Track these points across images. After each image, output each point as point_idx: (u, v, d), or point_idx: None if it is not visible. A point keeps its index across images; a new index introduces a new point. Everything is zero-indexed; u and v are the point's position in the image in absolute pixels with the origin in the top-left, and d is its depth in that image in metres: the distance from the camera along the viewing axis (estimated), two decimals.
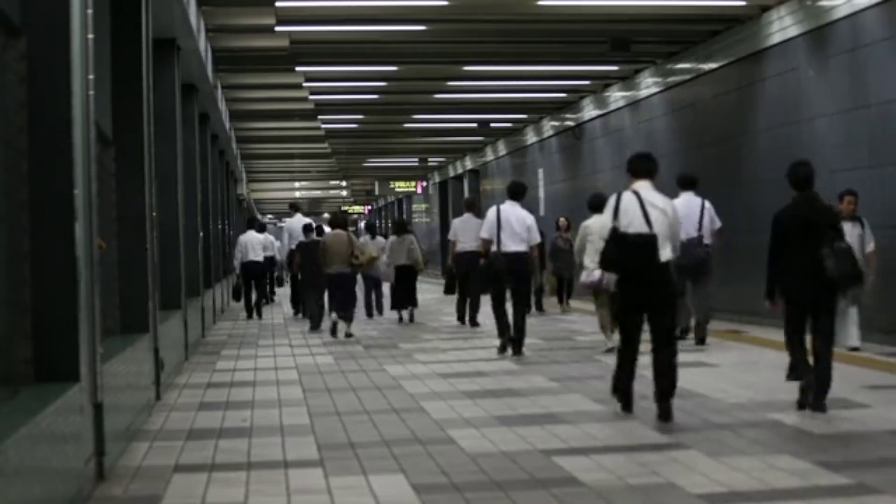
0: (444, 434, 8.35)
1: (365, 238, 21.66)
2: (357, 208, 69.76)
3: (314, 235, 20.61)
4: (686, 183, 14.21)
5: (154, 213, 11.01)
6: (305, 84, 21.58)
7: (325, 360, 13.90)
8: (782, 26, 15.64)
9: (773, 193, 16.32)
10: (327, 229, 19.01)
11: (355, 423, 9.02)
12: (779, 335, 13.87)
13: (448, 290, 19.03)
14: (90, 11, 7.12)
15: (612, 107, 23.22)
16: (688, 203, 13.37)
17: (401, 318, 20.02)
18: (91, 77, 7.09)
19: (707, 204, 13.85)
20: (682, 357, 12.22)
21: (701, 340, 13.79)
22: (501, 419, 8.93)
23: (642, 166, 9.57)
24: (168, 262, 13.18)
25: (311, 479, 6.96)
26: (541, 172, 29.22)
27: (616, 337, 9.58)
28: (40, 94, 6.44)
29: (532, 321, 18.45)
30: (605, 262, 9.04)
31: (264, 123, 29.45)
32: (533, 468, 7.02)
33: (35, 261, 6.42)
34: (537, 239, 13.52)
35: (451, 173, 42.63)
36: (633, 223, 9.06)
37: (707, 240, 13.71)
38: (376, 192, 51.12)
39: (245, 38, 18.01)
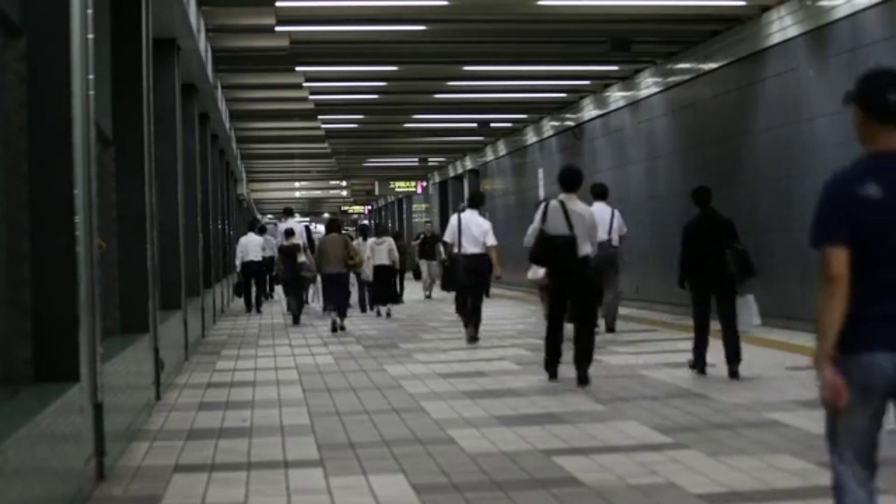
0: (444, 434, 8.35)
1: (358, 241, 22.70)
2: (357, 208, 69.79)
3: (294, 239, 21.86)
4: (598, 193, 16.16)
5: (154, 213, 11.02)
6: (305, 84, 21.59)
7: (325, 360, 13.91)
8: (782, 26, 15.64)
9: (773, 193, 16.35)
10: (320, 227, 20.84)
11: (355, 423, 9.02)
12: (779, 335, 13.89)
13: (446, 286, 17.64)
14: (90, 11, 7.12)
15: (612, 107, 23.22)
16: (601, 211, 15.09)
17: (379, 314, 21.63)
18: (91, 77, 7.09)
19: (616, 212, 16.11)
20: (681, 357, 12.32)
21: (610, 329, 16.09)
22: (501, 419, 8.93)
23: (569, 180, 11.33)
24: (168, 262, 13.18)
25: (311, 479, 6.96)
26: (541, 172, 29.22)
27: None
28: (40, 94, 6.44)
29: (533, 320, 18.46)
30: (534, 259, 11.38)
31: (264, 123, 29.46)
32: (533, 468, 7.02)
33: (35, 261, 6.41)
34: (491, 242, 15.13)
35: (451, 173, 42.64)
36: (557, 227, 10.90)
37: (615, 242, 15.95)
38: (376, 192, 51.15)
39: (245, 38, 18.02)
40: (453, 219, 15.77)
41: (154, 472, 7.37)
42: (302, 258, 21.43)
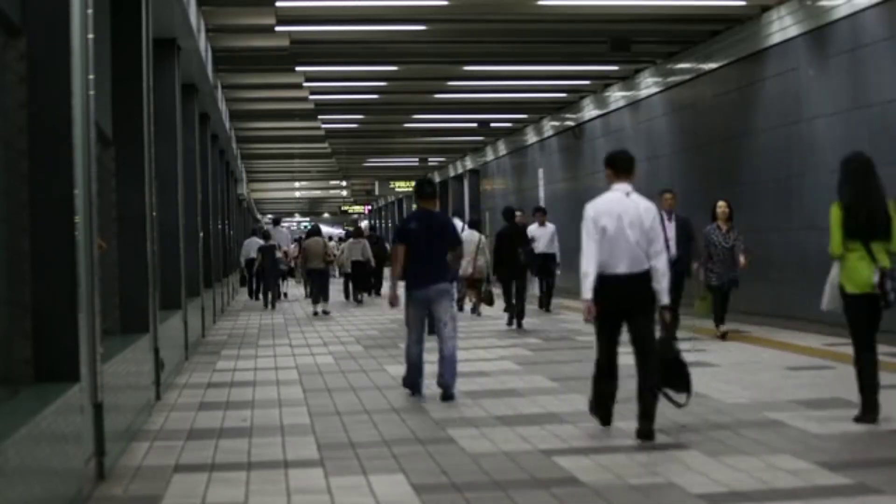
0: (445, 434, 8.35)
1: (349, 241, 27.87)
2: (357, 208, 69.78)
3: (272, 241, 28.19)
4: (540, 212, 21.07)
5: (154, 213, 11.01)
6: (305, 84, 21.60)
7: (325, 360, 13.91)
8: (782, 26, 15.64)
9: (773, 193, 16.35)
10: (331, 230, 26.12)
11: (355, 422, 9.02)
12: (779, 335, 13.88)
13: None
14: (90, 11, 7.12)
15: (612, 107, 23.22)
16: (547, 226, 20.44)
17: (357, 301, 26.68)
18: (91, 77, 7.09)
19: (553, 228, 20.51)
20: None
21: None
22: (502, 419, 8.93)
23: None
24: (168, 262, 13.18)
25: (311, 479, 6.96)
26: (541, 172, 29.22)
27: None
28: (40, 94, 6.44)
29: (535, 320, 18.47)
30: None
31: (264, 123, 29.47)
32: (533, 468, 7.02)
33: (35, 261, 6.41)
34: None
35: (451, 173, 42.64)
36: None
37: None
38: (376, 192, 51.16)
39: (245, 38, 18.02)
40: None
41: (154, 472, 7.37)
42: (278, 254, 27.87)
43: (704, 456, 7.22)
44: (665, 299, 8.12)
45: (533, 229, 19.66)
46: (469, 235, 18.91)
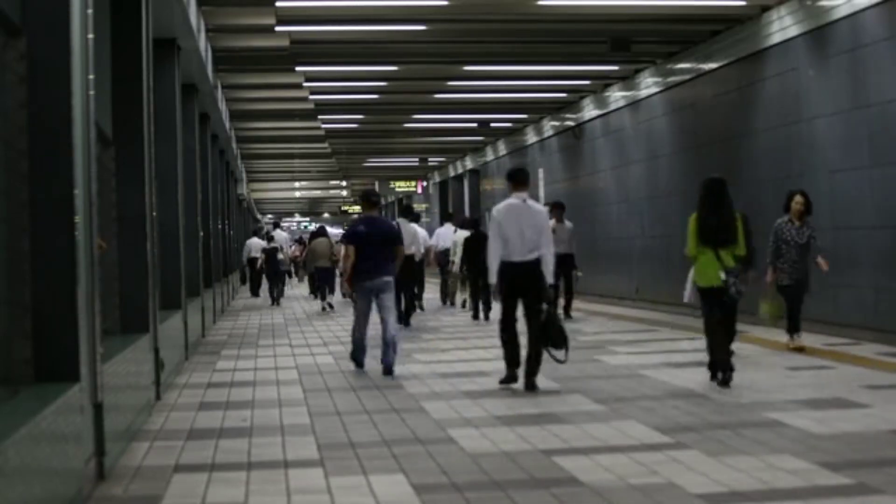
0: (445, 434, 8.35)
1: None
2: (357, 208, 69.78)
3: (274, 243, 30.68)
4: (449, 216, 24.24)
5: (154, 213, 11.02)
6: (305, 84, 21.59)
7: (325, 360, 13.91)
8: (782, 26, 15.64)
9: (773, 193, 16.34)
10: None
11: (355, 422, 9.02)
12: (779, 335, 13.88)
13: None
14: (90, 11, 7.12)
15: (612, 107, 23.22)
16: (447, 229, 23.52)
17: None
18: (91, 77, 7.09)
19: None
20: (681, 357, 12.34)
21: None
22: (502, 419, 8.94)
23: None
24: (168, 262, 13.18)
25: (311, 479, 6.96)
26: (541, 172, 29.22)
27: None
28: (40, 94, 6.44)
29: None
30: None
31: (264, 123, 29.47)
32: (533, 468, 7.03)
33: (35, 261, 6.41)
34: (422, 247, 18.29)
35: (451, 173, 42.64)
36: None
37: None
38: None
39: (245, 38, 18.02)
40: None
41: (154, 472, 7.37)
42: (280, 256, 29.84)
43: (704, 456, 7.22)
44: (551, 279, 10.55)
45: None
46: (461, 235, 21.31)
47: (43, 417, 5.43)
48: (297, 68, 19.74)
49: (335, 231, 57.64)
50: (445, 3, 15.55)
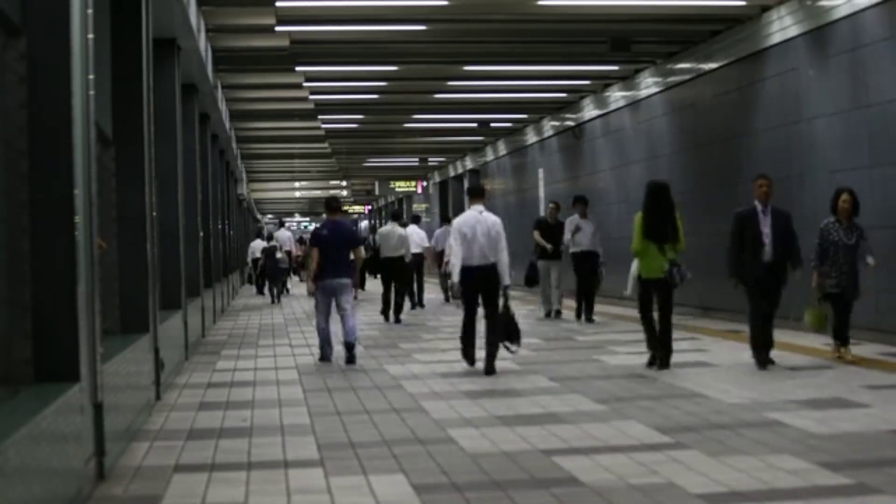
0: (445, 434, 8.35)
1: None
2: (357, 208, 69.82)
3: (273, 242, 31.57)
4: (414, 218, 25.28)
5: (154, 213, 11.01)
6: (305, 84, 21.59)
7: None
8: (782, 26, 15.64)
9: (772, 193, 16.34)
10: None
11: (355, 422, 9.02)
12: (779, 335, 13.88)
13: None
14: (90, 11, 7.12)
15: (612, 107, 23.22)
16: (415, 230, 23.45)
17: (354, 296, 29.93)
18: (91, 77, 7.09)
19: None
20: (681, 357, 12.33)
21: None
22: (501, 419, 8.94)
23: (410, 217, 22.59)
24: (168, 262, 13.18)
25: (311, 479, 6.96)
26: (541, 172, 29.23)
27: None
28: (40, 94, 6.44)
29: (543, 326, 18.46)
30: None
31: (264, 123, 29.47)
32: (533, 468, 7.03)
33: (35, 261, 6.41)
34: (414, 249, 19.28)
35: (451, 173, 42.65)
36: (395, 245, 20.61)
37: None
38: (376, 192, 51.16)
39: (245, 38, 18.02)
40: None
41: (154, 472, 7.37)
42: (279, 255, 30.57)
43: (704, 456, 7.22)
44: (506, 281, 11.99)
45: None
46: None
47: (43, 417, 5.43)
48: (297, 68, 19.74)
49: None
50: (445, 3, 15.55)
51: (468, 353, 12.26)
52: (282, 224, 41.92)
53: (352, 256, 13.95)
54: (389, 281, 20.64)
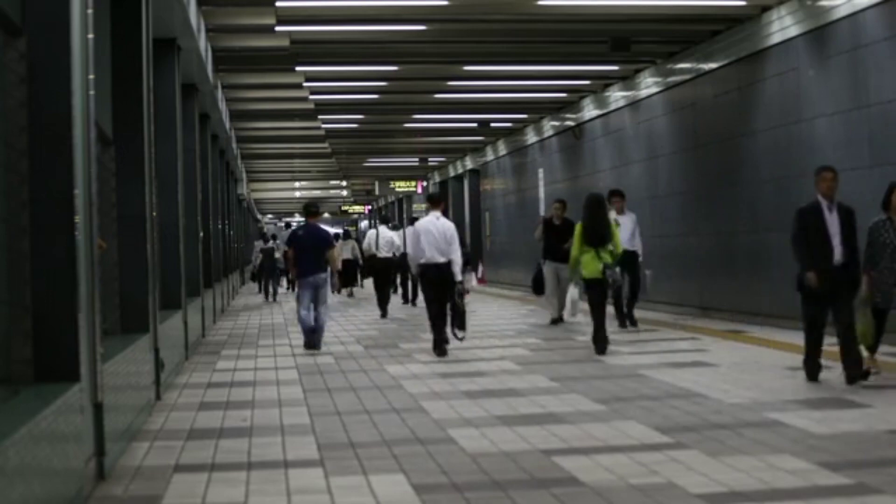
0: (445, 434, 8.35)
1: (340, 242, 30.40)
2: (357, 208, 69.79)
3: (271, 244, 33.04)
4: (384, 220, 24.90)
5: (154, 213, 11.01)
6: (305, 84, 21.59)
7: (325, 360, 13.91)
8: (782, 26, 15.64)
9: (772, 193, 16.35)
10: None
11: (355, 422, 9.02)
12: (779, 335, 13.88)
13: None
14: (90, 11, 7.12)
15: (612, 107, 23.22)
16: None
17: (350, 294, 31.21)
18: (91, 77, 7.09)
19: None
20: (681, 357, 12.33)
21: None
22: (502, 419, 8.94)
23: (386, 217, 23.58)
24: (168, 262, 13.18)
25: (311, 479, 6.96)
26: (541, 172, 29.23)
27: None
28: (40, 94, 6.44)
29: (546, 331, 18.45)
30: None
31: (264, 123, 29.46)
32: (533, 468, 7.03)
33: (35, 261, 6.41)
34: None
35: (452, 173, 42.65)
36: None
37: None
38: (376, 192, 51.08)
39: (245, 38, 18.02)
40: (370, 233, 21.35)
41: (154, 472, 7.37)
42: (277, 255, 31.41)
43: (704, 456, 7.22)
44: (459, 277, 13.89)
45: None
46: None
47: (43, 417, 5.43)
48: (297, 68, 19.74)
49: (336, 231, 57.97)
50: (445, 3, 15.54)
51: (439, 346, 13.79)
52: (288, 226, 43.53)
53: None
54: (377, 281, 22.99)
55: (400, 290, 26.99)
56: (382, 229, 23.53)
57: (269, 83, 22.18)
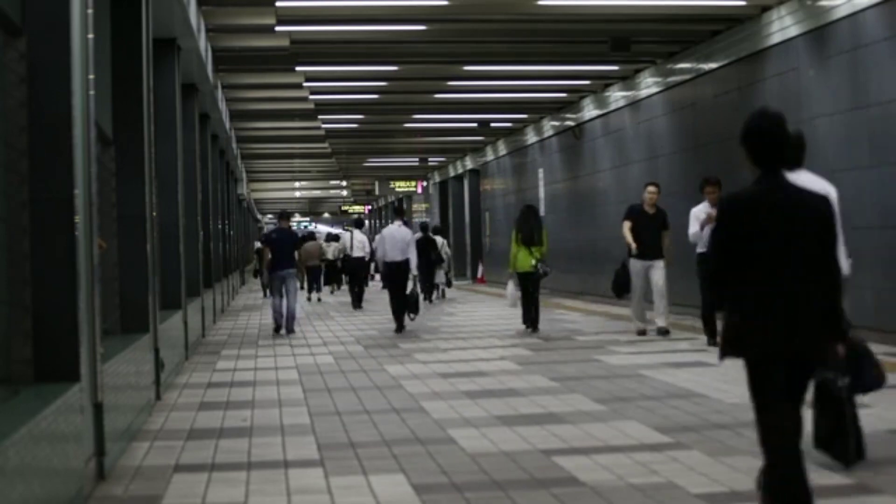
0: (445, 434, 8.35)
1: (330, 242, 33.08)
2: (357, 208, 69.81)
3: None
4: (358, 223, 27.09)
5: (154, 213, 11.01)
6: (305, 84, 21.59)
7: (325, 360, 13.91)
8: (782, 26, 15.64)
9: None
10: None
11: (355, 422, 9.02)
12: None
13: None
14: (90, 11, 7.13)
15: (612, 107, 23.22)
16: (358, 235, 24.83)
17: (332, 291, 33.56)
18: (91, 77, 7.09)
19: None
20: (681, 357, 12.32)
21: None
22: (502, 419, 8.94)
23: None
24: (168, 262, 13.18)
25: (311, 478, 6.96)
26: (541, 172, 29.22)
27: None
28: (40, 94, 6.44)
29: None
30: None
31: (264, 123, 29.47)
32: (533, 468, 7.03)
33: (35, 261, 6.41)
34: (299, 245, 21.18)
35: (451, 173, 42.65)
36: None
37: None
38: (376, 192, 51.15)
39: (245, 38, 18.02)
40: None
41: (154, 471, 7.37)
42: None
43: (704, 456, 7.22)
44: (415, 271, 18.11)
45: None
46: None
47: (43, 417, 5.43)
48: (297, 68, 19.74)
49: (335, 231, 58.30)
50: (445, 3, 15.54)
51: (399, 320, 17.82)
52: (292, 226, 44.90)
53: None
54: (353, 278, 26.15)
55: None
56: (356, 232, 26.19)
57: (269, 83, 22.18)
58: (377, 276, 27.63)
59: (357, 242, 26.01)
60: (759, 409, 5.00)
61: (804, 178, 6.84)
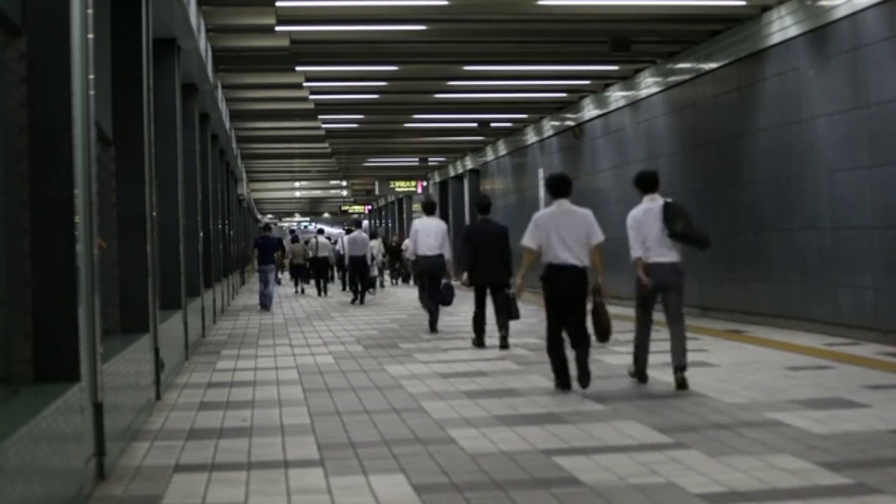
0: (445, 434, 8.35)
1: (320, 238, 35.98)
2: (357, 208, 69.81)
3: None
4: (357, 223, 31.57)
5: (154, 213, 11.01)
6: (305, 84, 21.60)
7: (325, 360, 13.91)
8: (782, 26, 15.65)
9: (772, 193, 16.35)
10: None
11: (355, 422, 9.02)
12: (779, 335, 13.87)
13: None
14: (90, 11, 7.12)
15: (612, 107, 23.23)
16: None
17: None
18: (91, 77, 7.09)
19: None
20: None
21: None
22: (502, 419, 8.94)
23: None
24: (168, 262, 13.18)
25: (311, 478, 6.96)
26: (541, 172, 29.23)
27: None
28: (40, 94, 6.43)
29: (534, 320, 18.46)
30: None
31: (264, 123, 29.47)
32: (533, 468, 7.03)
33: (35, 261, 6.41)
34: (281, 247, 27.83)
35: (452, 173, 42.65)
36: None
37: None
38: (376, 192, 51.15)
39: (245, 38, 18.02)
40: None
41: (154, 471, 7.37)
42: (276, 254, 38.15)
43: (704, 456, 7.22)
44: (374, 272, 28.04)
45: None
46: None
47: (43, 417, 5.43)
48: (297, 68, 19.75)
49: (336, 231, 58.24)
50: (445, 3, 15.55)
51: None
52: (291, 232, 45.07)
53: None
54: (353, 275, 28.57)
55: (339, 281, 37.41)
56: (321, 238, 33.69)
57: (269, 83, 22.19)
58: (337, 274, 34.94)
59: (321, 245, 33.27)
60: None
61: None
